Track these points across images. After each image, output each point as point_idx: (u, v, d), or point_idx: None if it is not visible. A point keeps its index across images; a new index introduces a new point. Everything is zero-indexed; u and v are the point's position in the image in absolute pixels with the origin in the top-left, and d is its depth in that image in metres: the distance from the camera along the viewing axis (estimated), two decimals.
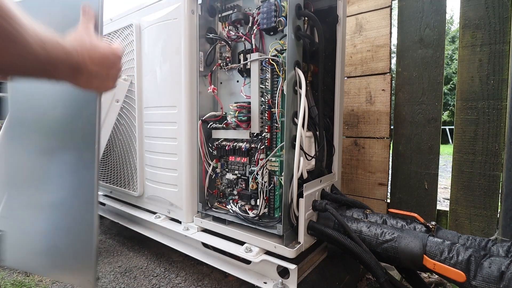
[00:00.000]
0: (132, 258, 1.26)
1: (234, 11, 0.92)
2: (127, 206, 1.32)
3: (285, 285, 0.80)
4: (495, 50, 1.03)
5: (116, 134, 1.29)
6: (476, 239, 0.69)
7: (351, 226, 0.80)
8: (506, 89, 1.02)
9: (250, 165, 0.92)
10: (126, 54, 1.19)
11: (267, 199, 0.87)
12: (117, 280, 1.09)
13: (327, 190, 0.96)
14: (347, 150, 1.39)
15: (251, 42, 0.89)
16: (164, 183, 1.10)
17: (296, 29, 0.80)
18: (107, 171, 1.38)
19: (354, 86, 1.35)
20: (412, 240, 0.69)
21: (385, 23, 1.26)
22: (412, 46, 1.22)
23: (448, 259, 0.62)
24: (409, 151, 1.25)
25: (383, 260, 0.75)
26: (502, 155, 1.03)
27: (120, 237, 1.48)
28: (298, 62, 0.82)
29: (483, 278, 0.56)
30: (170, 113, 1.04)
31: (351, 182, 1.40)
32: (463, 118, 1.10)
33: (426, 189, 1.21)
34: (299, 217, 0.83)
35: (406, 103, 1.24)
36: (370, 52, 1.30)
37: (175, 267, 1.18)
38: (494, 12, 1.03)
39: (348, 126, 1.38)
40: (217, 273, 1.12)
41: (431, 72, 1.18)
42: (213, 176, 1.02)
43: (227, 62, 0.97)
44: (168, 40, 1.02)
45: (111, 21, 1.29)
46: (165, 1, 1.03)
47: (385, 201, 1.31)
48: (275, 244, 0.82)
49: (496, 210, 1.05)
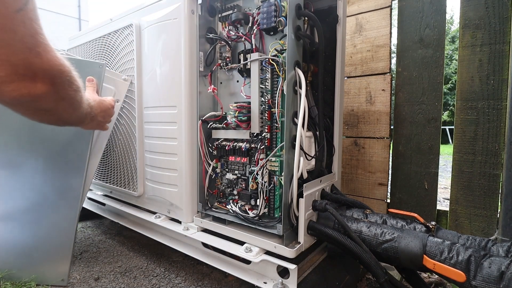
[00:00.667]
0: (132, 258, 1.26)
1: (234, 11, 0.92)
2: (127, 206, 1.32)
3: (285, 285, 0.80)
4: (495, 50, 1.03)
5: (116, 134, 1.29)
6: (476, 239, 0.69)
7: (351, 226, 0.80)
8: (506, 89, 1.02)
9: (250, 165, 0.92)
10: (126, 54, 1.19)
11: (267, 199, 0.87)
12: (117, 280, 1.09)
13: (327, 190, 0.96)
14: (347, 150, 1.39)
15: (251, 42, 0.89)
16: (164, 183, 1.10)
17: (296, 29, 0.80)
18: (107, 171, 1.38)
19: (354, 86, 1.35)
20: (412, 240, 0.69)
21: (385, 23, 1.26)
22: (412, 46, 1.22)
23: (448, 259, 0.62)
24: (409, 151, 1.25)
25: (383, 260, 0.75)
26: (502, 155, 1.03)
27: (120, 237, 1.48)
28: (298, 62, 0.82)
29: (483, 278, 0.56)
30: (170, 113, 1.04)
31: (351, 182, 1.40)
32: (463, 118, 1.10)
33: (426, 189, 1.21)
34: (299, 217, 0.83)
35: (406, 103, 1.24)
36: (370, 52, 1.30)
37: (175, 267, 1.18)
38: (494, 12, 1.03)
39: (348, 126, 1.38)
40: (217, 273, 1.12)
41: (431, 72, 1.18)
42: (213, 176, 1.02)
43: (227, 62, 0.97)
44: (168, 40, 1.02)
45: (111, 21, 1.29)
46: (165, 1, 1.03)
47: (385, 201, 1.31)
48: (275, 244, 0.82)
49: (496, 210, 1.05)
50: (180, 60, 0.98)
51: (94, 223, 1.67)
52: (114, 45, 1.25)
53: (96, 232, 1.55)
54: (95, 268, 1.18)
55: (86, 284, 1.07)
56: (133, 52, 1.14)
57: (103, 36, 1.29)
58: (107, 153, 1.37)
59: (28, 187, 1.06)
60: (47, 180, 1.07)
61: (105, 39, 1.29)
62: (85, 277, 1.10)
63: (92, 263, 1.21)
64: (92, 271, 1.15)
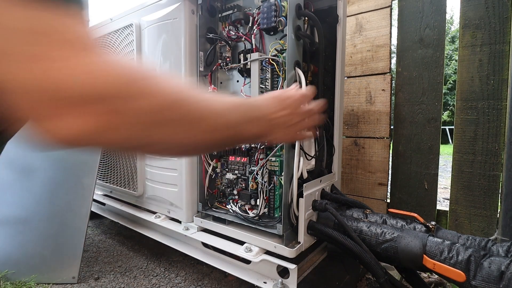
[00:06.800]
0: (132, 258, 1.26)
1: (234, 11, 0.92)
2: (127, 206, 1.32)
3: (285, 285, 0.80)
4: (495, 50, 1.03)
5: None
6: (476, 239, 0.69)
7: (351, 226, 0.80)
8: (506, 89, 1.02)
9: (250, 165, 0.92)
10: (126, 53, 1.19)
11: (267, 199, 0.87)
12: (117, 280, 1.09)
13: (327, 190, 0.96)
14: (347, 150, 1.39)
15: (251, 42, 0.89)
16: (164, 183, 1.10)
17: (296, 29, 0.80)
18: (107, 171, 1.38)
19: (354, 86, 1.35)
20: (412, 240, 0.69)
21: (385, 23, 1.26)
22: (412, 46, 1.22)
23: (448, 259, 0.62)
24: (409, 151, 1.24)
25: (383, 260, 0.75)
26: (502, 155, 1.03)
27: (120, 237, 1.48)
28: (298, 62, 0.82)
29: (483, 278, 0.56)
30: None
31: (351, 182, 1.40)
32: (463, 118, 1.10)
33: (426, 189, 1.21)
34: (299, 217, 0.83)
35: (406, 103, 1.24)
36: (370, 52, 1.30)
37: (175, 266, 1.18)
38: (494, 12, 1.03)
39: (348, 126, 1.38)
40: (217, 273, 1.12)
41: (431, 72, 1.18)
42: (213, 176, 1.02)
43: (227, 62, 0.97)
44: (168, 40, 1.02)
45: (111, 21, 1.29)
46: (165, 1, 1.03)
47: (385, 201, 1.31)
48: (275, 244, 0.82)
49: (496, 210, 1.05)
50: (180, 60, 0.98)
51: (94, 223, 1.67)
52: (114, 45, 1.25)
53: (96, 232, 1.55)
54: (95, 268, 1.18)
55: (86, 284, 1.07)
56: (133, 52, 1.14)
57: (103, 35, 1.29)
58: (107, 153, 1.37)
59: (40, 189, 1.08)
60: (59, 181, 1.08)
61: (105, 39, 1.29)
62: (85, 277, 1.11)
63: (92, 263, 1.21)
64: (92, 271, 1.15)
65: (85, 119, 0.25)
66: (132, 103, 0.28)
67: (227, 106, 0.43)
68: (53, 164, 1.11)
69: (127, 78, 0.29)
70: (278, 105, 0.50)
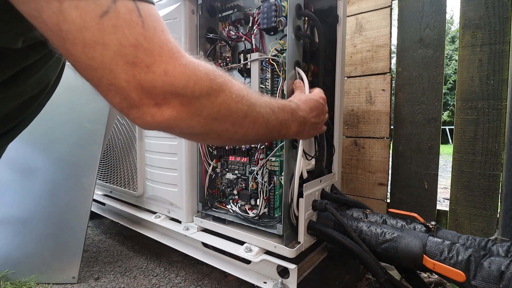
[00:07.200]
0: (132, 258, 1.26)
1: (234, 11, 0.92)
2: (127, 206, 1.32)
3: (285, 285, 0.80)
4: (495, 50, 1.03)
5: (116, 134, 1.29)
6: (476, 239, 0.69)
7: (351, 226, 0.80)
8: (506, 89, 1.02)
9: (250, 165, 0.92)
10: None
11: (267, 199, 0.87)
12: (117, 280, 1.09)
13: (327, 190, 0.96)
14: (347, 150, 1.39)
15: (251, 42, 0.89)
16: (164, 183, 1.10)
17: (296, 29, 0.80)
18: (107, 171, 1.38)
19: (354, 86, 1.35)
20: (412, 240, 0.69)
21: (385, 23, 1.26)
22: (412, 46, 1.22)
23: (448, 259, 0.62)
24: (409, 151, 1.25)
25: (383, 260, 0.75)
26: (502, 155, 1.03)
27: (120, 237, 1.48)
28: (298, 62, 0.82)
29: (483, 278, 0.56)
30: None
31: (351, 182, 1.40)
32: (463, 118, 1.10)
33: (426, 189, 1.21)
34: (299, 217, 0.83)
35: (406, 103, 1.24)
36: (370, 52, 1.30)
37: (175, 266, 1.18)
38: (494, 12, 1.03)
39: (348, 126, 1.38)
40: (217, 273, 1.12)
41: (431, 72, 1.18)
42: (213, 176, 1.02)
43: (227, 62, 0.97)
44: None
45: None
46: (165, 1, 1.03)
47: (385, 201, 1.31)
48: (275, 244, 0.82)
49: (496, 210, 1.05)
50: None
51: (94, 223, 1.67)
52: None
53: (96, 232, 1.55)
54: (95, 268, 1.18)
55: (86, 284, 1.07)
56: None
57: None
58: (107, 153, 1.37)
59: (40, 189, 1.08)
60: (59, 181, 1.09)
61: None
62: (85, 277, 1.11)
63: (92, 263, 1.21)
64: (92, 271, 1.15)
65: (176, 109, 0.36)
66: (212, 98, 0.39)
67: (278, 105, 0.53)
68: (53, 164, 1.11)
69: (207, 78, 0.39)
70: (309, 108, 0.64)
